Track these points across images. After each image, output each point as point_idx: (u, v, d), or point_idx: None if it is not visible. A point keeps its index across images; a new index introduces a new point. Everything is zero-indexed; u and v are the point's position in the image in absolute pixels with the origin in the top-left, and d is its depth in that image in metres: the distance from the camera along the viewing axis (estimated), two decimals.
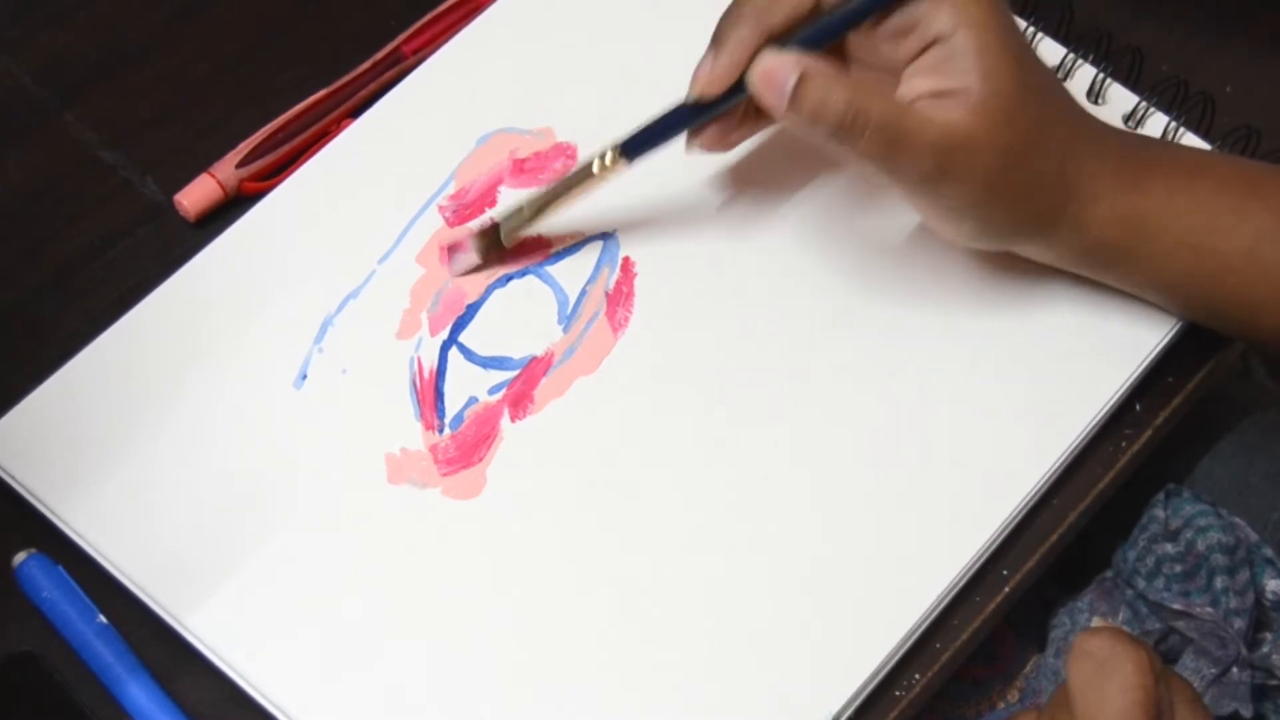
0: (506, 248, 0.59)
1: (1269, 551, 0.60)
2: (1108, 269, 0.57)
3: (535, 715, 0.53)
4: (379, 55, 0.64)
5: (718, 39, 0.54)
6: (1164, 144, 0.60)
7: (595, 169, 0.57)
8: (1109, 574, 0.62)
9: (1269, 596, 0.59)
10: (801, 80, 0.51)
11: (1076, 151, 0.54)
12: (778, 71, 0.52)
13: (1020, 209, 0.55)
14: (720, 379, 0.58)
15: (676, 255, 0.60)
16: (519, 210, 0.59)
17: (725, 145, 0.58)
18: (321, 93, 0.63)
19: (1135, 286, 0.58)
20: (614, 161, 0.57)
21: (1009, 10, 0.53)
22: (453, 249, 0.60)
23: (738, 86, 0.54)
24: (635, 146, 0.56)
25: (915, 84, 0.53)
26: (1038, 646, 0.64)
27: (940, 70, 0.52)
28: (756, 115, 0.56)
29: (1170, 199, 0.55)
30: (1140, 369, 0.59)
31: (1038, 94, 0.53)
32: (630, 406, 0.58)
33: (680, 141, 0.57)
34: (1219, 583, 0.58)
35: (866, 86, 0.52)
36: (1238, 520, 0.60)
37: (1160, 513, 0.61)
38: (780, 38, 0.53)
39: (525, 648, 0.54)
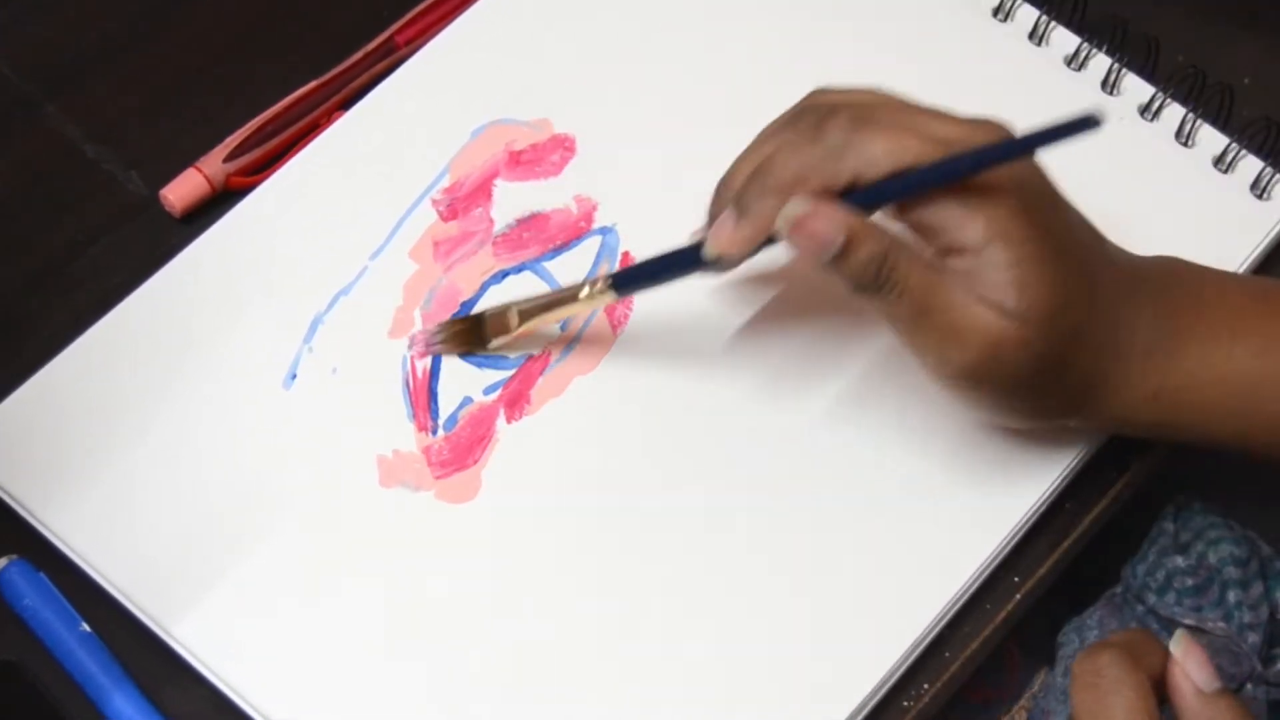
0: (486, 347, 0.58)
1: None
2: (1149, 435, 0.57)
3: (530, 718, 0.53)
4: (371, 46, 0.65)
5: (741, 205, 0.52)
6: (1218, 284, 0.56)
7: (582, 294, 0.56)
8: (1118, 589, 0.62)
9: None
10: (849, 244, 0.50)
11: (1106, 349, 0.53)
12: (823, 230, 0.50)
13: (1041, 409, 0.54)
14: (723, 378, 0.58)
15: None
16: (504, 313, 0.58)
17: None
18: (311, 84, 0.64)
19: (1200, 447, 0.57)
20: (602, 291, 0.56)
21: (1047, 193, 0.52)
22: (419, 339, 0.59)
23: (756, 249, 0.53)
24: (627, 282, 0.56)
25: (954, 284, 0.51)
26: (1046, 664, 0.64)
27: (975, 280, 0.50)
28: None
29: (1203, 365, 0.53)
30: None
31: (1076, 292, 0.51)
32: (629, 406, 0.58)
33: None
34: (1232, 597, 0.58)
35: (911, 259, 0.50)
36: (1251, 533, 0.60)
37: (1170, 525, 0.60)
38: None
39: (521, 655, 0.54)
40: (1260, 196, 0.62)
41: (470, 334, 0.59)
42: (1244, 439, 0.55)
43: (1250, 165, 0.62)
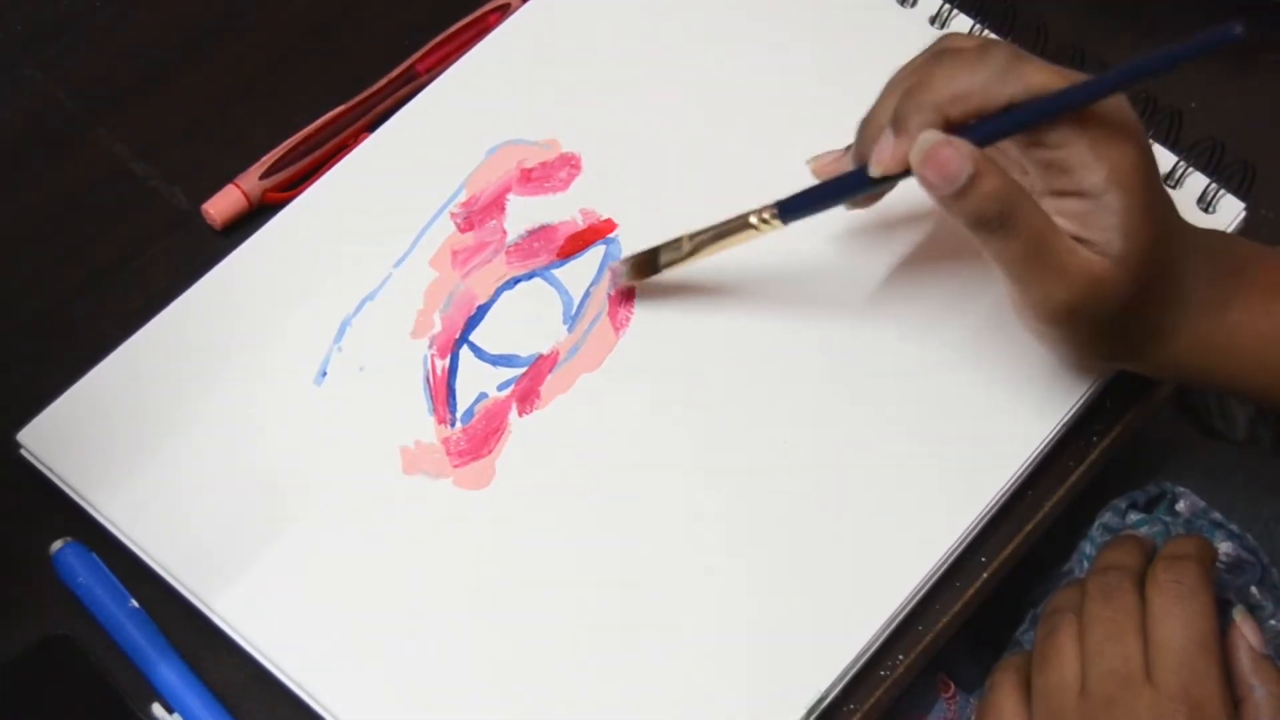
0: (659, 273, 0.59)
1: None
2: (1185, 382, 0.59)
3: (540, 692, 0.54)
4: (394, 73, 0.65)
5: (899, 123, 0.51)
6: (1261, 255, 0.57)
7: (754, 221, 0.56)
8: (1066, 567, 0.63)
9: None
10: (976, 177, 0.50)
11: (1171, 300, 0.54)
12: (952, 161, 0.50)
13: (1114, 350, 0.56)
14: (715, 375, 0.59)
15: None
16: (679, 243, 0.58)
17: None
18: (340, 108, 0.64)
19: (1235, 395, 0.59)
20: (771, 219, 0.56)
21: (1153, 157, 0.52)
22: (613, 270, 0.61)
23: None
24: (793, 209, 0.56)
25: (1059, 222, 0.52)
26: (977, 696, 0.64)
27: (1085, 222, 0.51)
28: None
29: (1244, 324, 0.55)
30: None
31: (1165, 246, 0.53)
32: (631, 401, 0.59)
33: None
34: None
35: (1029, 199, 0.51)
36: (1166, 518, 0.61)
37: (1089, 546, 0.61)
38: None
39: (530, 628, 0.55)
40: (1207, 210, 0.63)
41: (647, 265, 0.59)
42: (1270, 390, 0.57)
43: (1197, 181, 0.63)
